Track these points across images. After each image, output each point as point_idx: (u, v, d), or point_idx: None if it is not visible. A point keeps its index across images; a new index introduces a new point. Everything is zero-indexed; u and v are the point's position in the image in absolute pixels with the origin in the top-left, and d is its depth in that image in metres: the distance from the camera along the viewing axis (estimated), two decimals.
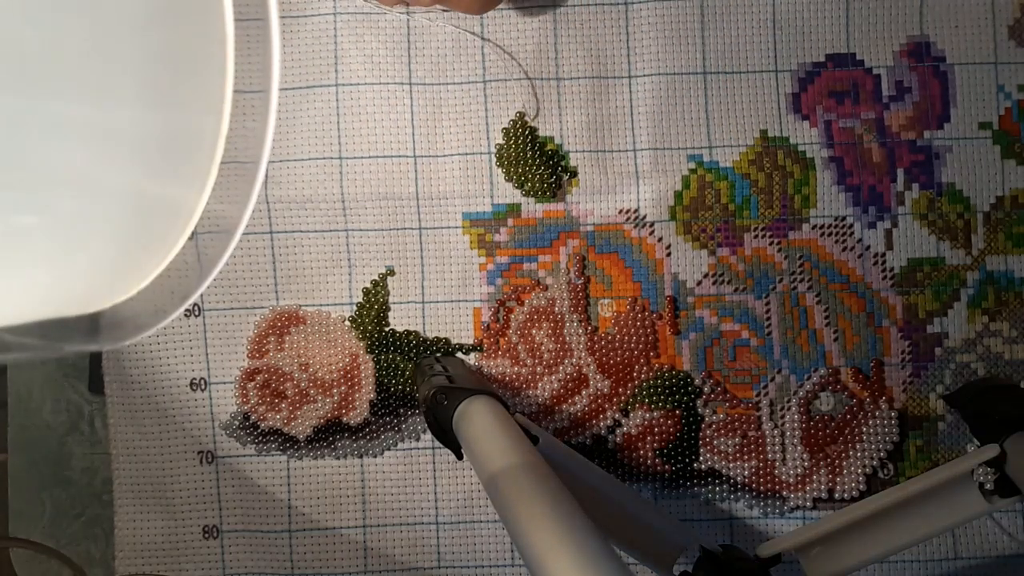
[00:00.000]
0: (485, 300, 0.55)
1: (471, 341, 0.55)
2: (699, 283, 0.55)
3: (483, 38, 0.55)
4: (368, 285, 0.56)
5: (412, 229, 0.55)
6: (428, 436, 0.55)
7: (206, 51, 0.27)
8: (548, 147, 0.55)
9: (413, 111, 0.55)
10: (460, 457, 0.48)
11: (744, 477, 0.55)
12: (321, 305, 0.56)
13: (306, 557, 0.55)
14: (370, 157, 0.55)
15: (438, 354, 0.55)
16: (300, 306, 0.56)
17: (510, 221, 0.55)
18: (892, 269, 0.54)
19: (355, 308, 0.56)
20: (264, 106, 0.27)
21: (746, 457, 0.54)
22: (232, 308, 0.56)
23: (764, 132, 0.54)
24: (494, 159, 0.55)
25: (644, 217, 0.55)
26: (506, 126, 0.55)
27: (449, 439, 0.46)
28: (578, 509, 0.34)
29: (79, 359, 0.57)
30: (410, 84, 0.55)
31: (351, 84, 0.55)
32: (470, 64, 0.55)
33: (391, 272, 0.56)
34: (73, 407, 0.57)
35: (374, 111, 0.55)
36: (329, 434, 0.55)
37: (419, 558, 0.55)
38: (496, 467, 0.39)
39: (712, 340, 0.55)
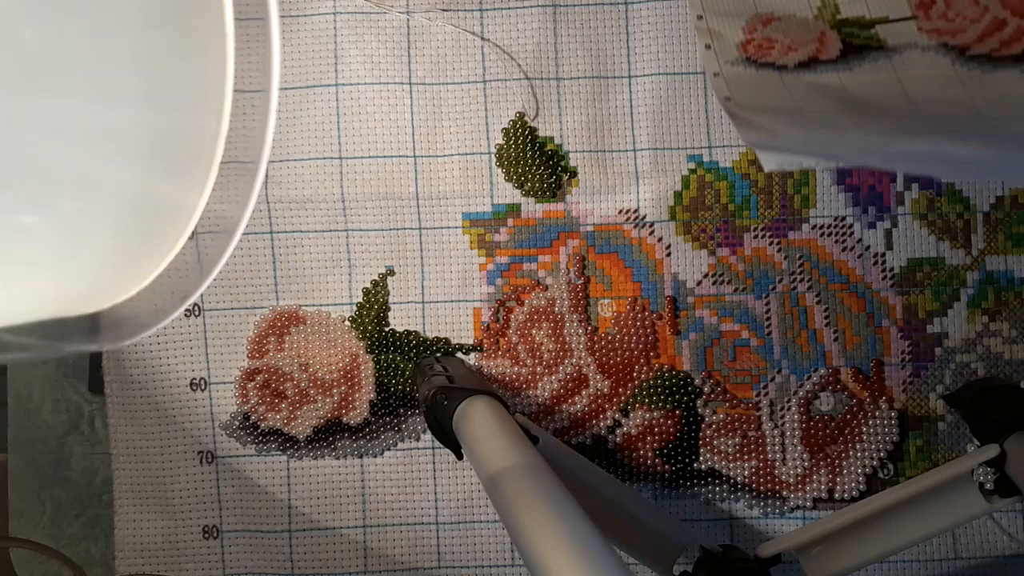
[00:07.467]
0: (485, 300, 0.55)
1: (471, 341, 0.55)
2: (699, 283, 0.55)
3: (483, 38, 0.55)
4: (368, 285, 0.56)
5: (412, 229, 0.55)
6: (428, 436, 0.55)
7: (206, 51, 0.27)
8: (548, 147, 0.55)
9: (413, 111, 0.55)
10: (460, 457, 0.48)
11: (744, 477, 0.55)
12: (321, 305, 0.56)
13: (306, 557, 0.55)
14: (370, 157, 0.55)
15: (438, 354, 0.55)
16: (300, 306, 0.56)
17: (510, 221, 0.55)
18: (892, 269, 0.54)
19: (355, 308, 0.56)
20: (264, 106, 0.27)
21: (746, 457, 0.54)
22: (232, 308, 0.56)
23: None
24: (494, 159, 0.55)
25: (644, 217, 0.55)
26: (506, 126, 0.55)
27: (449, 439, 0.46)
28: (578, 509, 0.34)
29: (79, 359, 0.57)
30: (410, 84, 0.55)
31: (351, 84, 0.55)
32: (470, 64, 0.55)
33: (391, 272, 0.56)
34: (73, 407, 0.57)
35: (374, 111, 0.55)
36: (329, 434, 0.55)
37: (419, 558, 0.55)
38: (496, 467, 0.39)
39: (712, 340, 0.55)
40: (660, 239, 0.55)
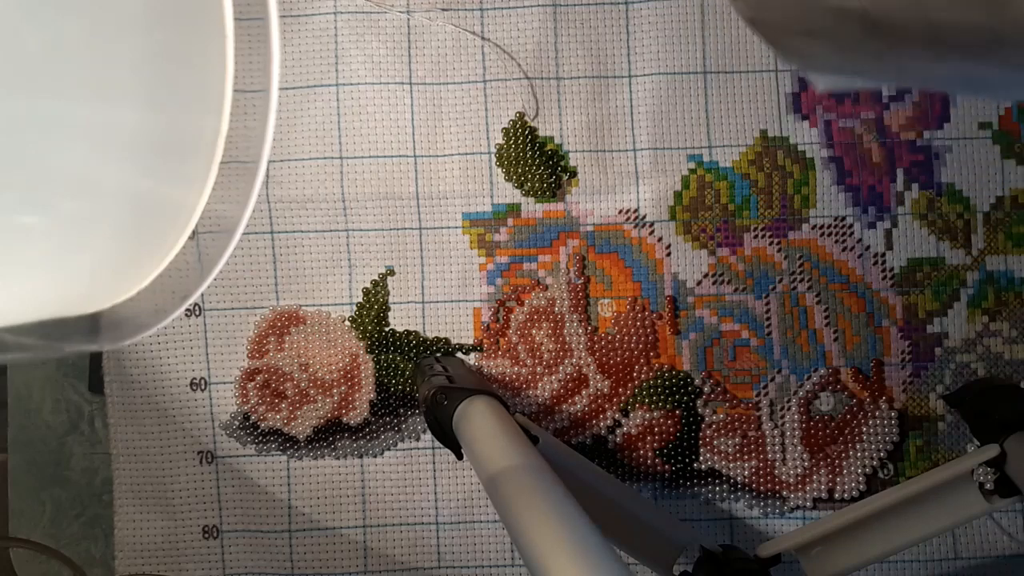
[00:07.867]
0: (485, 300, 0.55)
1: (471, 341, 0.55)
2: (699, 283, 0.55)
3: (483, 38, 0.55)
4: (368, 285, 0.56)
5: (412, 229, 0.55)
6: (428, 436, 0.55)
7: (207, 51, 0.27)
8: (548, 147, 0.55)
9: (413, 111, 0.55)
10: (460, 457, 0.48)
11: (744, 477, 0.55)
12: (321, 305, 0.56)
13: (306, 557, 0.55)
14: (370, 157, 0.55)
15: (438, 354, 0.55)
16: (300, 306, 0.56)
17: (510, 221, 0.55)
18: (892, 269, 0.54)
19: (355, 308, 0.56)
20: (264, 106, 0.27)
21: (746, 457, 0.54)
22: (232, 308, 0.56)
23: (764, 132, 0.54)
24: (494, 159, 0.55)
25: (644, 217, 0.55)
26: (506, 126, 0.55)
27: (449, 439, 0.46)
28: (578, 509, 0.34)
29: (79, 359, 0.57)
30: (410, 84, 0.55)
31: (352, 84, 0.55)
32: (470, 64, 0.55)
33: (391, 272, 0.56)
34: (73, 407, 0.57)
35: (374, 111, 0.55)
36: (329, 434, 0.55)
37: (419, 558, 0.55)
38: (496, 467, 0.39)
39: (712, 340, 0.55)
40: (660, 239, 0.55)
